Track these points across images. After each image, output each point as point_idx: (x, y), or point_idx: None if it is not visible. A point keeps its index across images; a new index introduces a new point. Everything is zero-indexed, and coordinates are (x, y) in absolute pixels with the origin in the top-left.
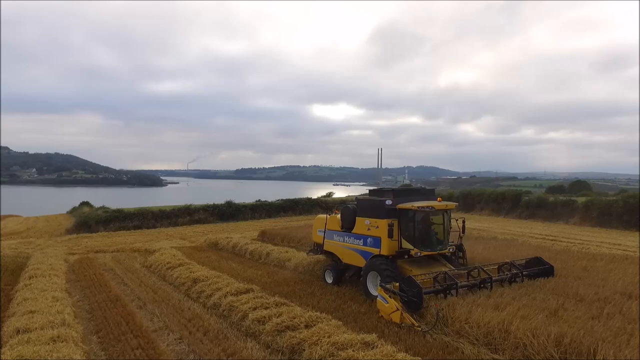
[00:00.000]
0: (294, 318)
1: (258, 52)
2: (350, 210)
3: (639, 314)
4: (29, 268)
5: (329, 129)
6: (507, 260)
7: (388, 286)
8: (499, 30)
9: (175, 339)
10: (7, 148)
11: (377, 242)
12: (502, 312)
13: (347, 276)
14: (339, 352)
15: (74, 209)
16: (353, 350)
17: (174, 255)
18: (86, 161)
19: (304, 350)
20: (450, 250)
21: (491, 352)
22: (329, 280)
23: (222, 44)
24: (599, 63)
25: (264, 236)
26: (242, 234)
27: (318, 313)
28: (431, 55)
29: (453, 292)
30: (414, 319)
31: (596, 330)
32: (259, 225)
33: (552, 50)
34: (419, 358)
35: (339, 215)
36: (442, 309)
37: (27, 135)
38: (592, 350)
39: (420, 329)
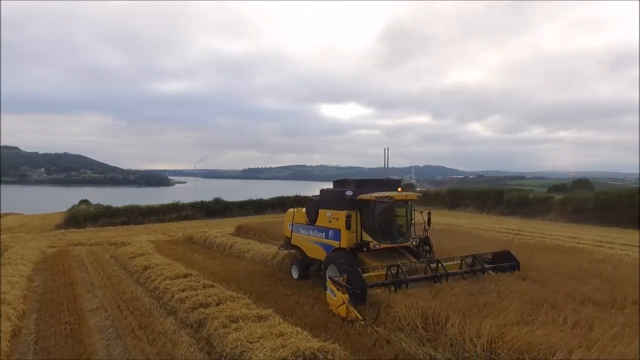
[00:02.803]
0: (209, 297)
1: (264, 52)
2: (314, 203)
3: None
4: (2, 258)
5: (336, 129)
6: (471, 254)
7: (337, 279)
8: (506, 29)
9: (104, 317)
10: (16, 148)
11: (337, 234)
12: (393, 292)
13: (312, 270)
14: (231, 324)
15: (73, 207)
16: (244, 322)
17: (141, 247)
18: (94, 161)
19: (207, 323)
20: (414, 243)
21: (375, 326)
22: (295, 275)
23: (227, 44)
24: (606, 62)
25: (239, 231)
26: (222, 229)
27: (235, 293)
28: (438, 55)
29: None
30: (359, 312)
31: (460, 304)
32: (242, 221)
33: (560, 49)
34: (299, 328)
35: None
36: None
37: (36, 135)
38: (444, 320)
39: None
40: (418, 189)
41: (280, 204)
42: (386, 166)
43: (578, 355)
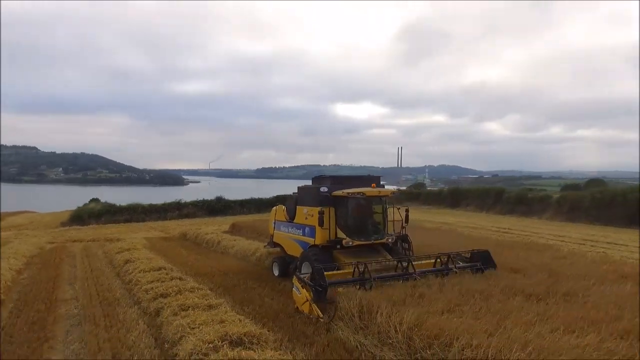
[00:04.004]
0: (170, 288)
1: (283, 52)
2: (293, 200)
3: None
4: None
5: (352, 128)
6: (446, 252)
7: (302, 276)
8: (531, 25)
9: (74, 306)
10: (35, 148)
11: (313, 231)
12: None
13: (291, 268)
14: (181, 312)
15: (84, 205)
16: (193, 310)
17: (131, 243)
18: (110, 161)
19: (162, 312)
20: (390, 240)
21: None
22: (276, 272)
23: (247, 44)
24: (634, 58)
25: (233, 228)
26: (219, 226)
27: (197, 285)
28: (458, 53)
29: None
30: (320, 310)
31: (396, 295)
32: (238, 219)
33: (586, 45)
34: (243, 317)
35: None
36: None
37: (56, 135)
38: (376, 309)
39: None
40: (429, 188)
41: (281, 203)
42: (399, 165)
43: (478, 340)
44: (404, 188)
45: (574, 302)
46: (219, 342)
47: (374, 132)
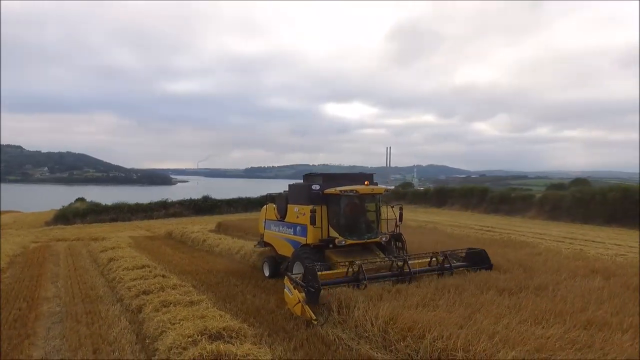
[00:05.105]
0: (152, 285)
1: (275, 51)
2: (283, 198)
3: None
4: None
5: (344, 128)
6: (439, 251)
7: (293, 276)
8: (520, 27)
9: (56, 304)
10: (19, 147)
11: (304, 230)
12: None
13: (282, 268)
14: (162, 308)
15: (70, 205)
16: (174, 307)
17: (116, 242)
18: (98, 160)
19: (144, 308)
20: (383, 239)
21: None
22: (267, 272)
23: (239, 43)
24: (621, 60)
25: (219, 227)
26: (205, 225)
27: (180, 282)
28: (449, 54)
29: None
30: (313, 312)
31: (373, 290)
32: (224, 218)
33: (577, 46)
34: (224, 312)
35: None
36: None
37: (42, 134)
38: (354, 304)
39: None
40: (417, 188)
41: (271, 201)
42: (388, 165)
43: (448, 332)
44: (392, 187)
45: (544, 296)
46: (198, 336)
47: (364, 132)
